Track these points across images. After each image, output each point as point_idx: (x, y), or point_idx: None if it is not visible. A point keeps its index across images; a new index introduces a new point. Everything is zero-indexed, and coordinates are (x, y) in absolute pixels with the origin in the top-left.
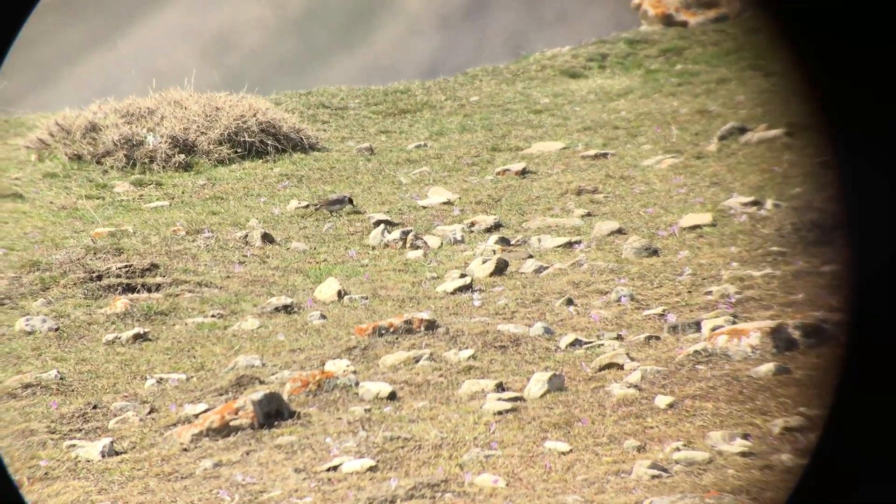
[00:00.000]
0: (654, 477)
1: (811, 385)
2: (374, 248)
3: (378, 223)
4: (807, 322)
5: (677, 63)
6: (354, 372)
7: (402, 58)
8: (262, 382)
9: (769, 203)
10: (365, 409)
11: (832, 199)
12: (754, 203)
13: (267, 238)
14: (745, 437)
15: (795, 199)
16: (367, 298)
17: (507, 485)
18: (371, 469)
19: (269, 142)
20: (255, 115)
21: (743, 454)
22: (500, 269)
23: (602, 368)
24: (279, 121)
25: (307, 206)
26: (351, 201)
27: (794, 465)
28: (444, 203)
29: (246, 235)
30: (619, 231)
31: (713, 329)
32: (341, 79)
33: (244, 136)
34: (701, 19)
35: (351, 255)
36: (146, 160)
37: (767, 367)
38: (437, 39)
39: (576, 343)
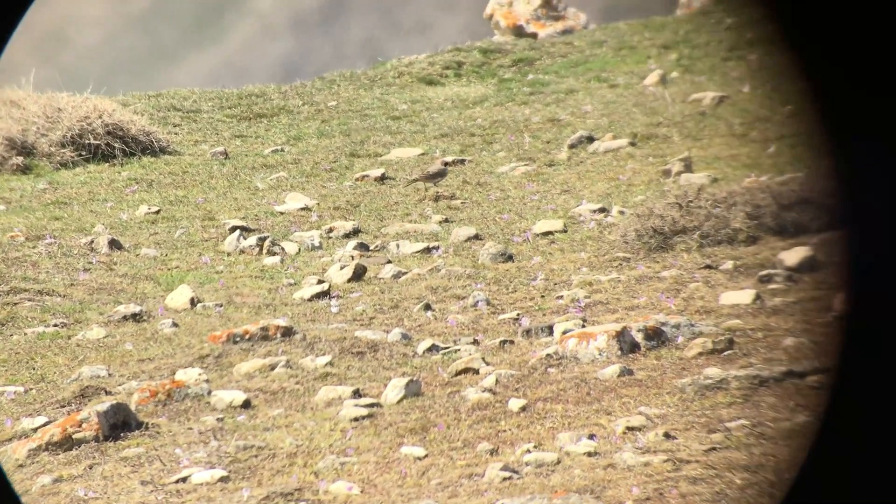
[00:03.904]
0: (505, 479)
1: (651, 385)
2: (229, 254)
3: (233, 229)
4: (648, 325)
5: (529, 73)
6: (207, 380)
7: (256, 60)
8: (108, 393)
9: (615, 210)
10: (217, 419)
11: (832, 193)
12: (601, 210)
13: (114, 244)
14: (591, 437)
15: (638, 207)
16: (221, 306)
17: (361, 491)
18: (222, 479)
19: (117, 145)
20: (100, 117)
21: (588, 454)
22: (359, 274)
23: (458, 373)
24: (127, 123)
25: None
26: (446, 165)
27: (636, 462)
28: (302, 209)
29: (91, 241)
30: (476, 237)
31: (564, 333)
32: (192, 80)
33: (89, 139)
34: (550, 31)
35: (205, 261)
36: None
37: (612, 369)
38: (291, 42)
39: (433, 348)
